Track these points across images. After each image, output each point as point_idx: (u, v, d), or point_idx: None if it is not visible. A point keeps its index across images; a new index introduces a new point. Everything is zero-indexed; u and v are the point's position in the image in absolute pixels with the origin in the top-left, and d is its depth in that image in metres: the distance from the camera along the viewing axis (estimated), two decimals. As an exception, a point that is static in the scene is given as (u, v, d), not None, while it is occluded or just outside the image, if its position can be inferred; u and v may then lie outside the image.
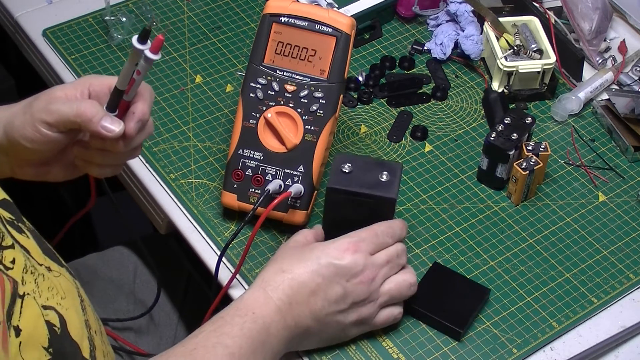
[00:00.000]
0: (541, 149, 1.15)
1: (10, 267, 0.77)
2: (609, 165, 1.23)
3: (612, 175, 1.22)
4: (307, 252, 0.98)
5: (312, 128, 1.09)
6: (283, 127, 1.09)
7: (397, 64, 1.34)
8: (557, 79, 1.31)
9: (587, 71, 1.33)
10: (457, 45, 1.34)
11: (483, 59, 1.35)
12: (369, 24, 1.37)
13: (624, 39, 1.38)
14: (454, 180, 1.20)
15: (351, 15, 1.28)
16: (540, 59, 1.28)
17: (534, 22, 1.32)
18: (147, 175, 1.18)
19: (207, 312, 1.04)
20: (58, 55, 1.32)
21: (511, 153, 1.15)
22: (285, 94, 1.10)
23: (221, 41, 1.36)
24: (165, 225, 1.17)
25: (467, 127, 1.27)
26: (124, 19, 1.34)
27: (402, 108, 1.28)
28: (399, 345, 1.03)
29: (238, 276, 1.08)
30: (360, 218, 1.01)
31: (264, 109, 1.10)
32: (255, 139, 1.10)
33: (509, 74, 1.28)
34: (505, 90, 1.28)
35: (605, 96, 1.30)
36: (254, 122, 1.10)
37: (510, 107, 1.28)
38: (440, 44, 1.34)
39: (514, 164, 1.14)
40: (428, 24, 1.39)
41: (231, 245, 1.09)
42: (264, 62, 1.11)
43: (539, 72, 1.27)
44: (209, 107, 1.26)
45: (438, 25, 1.37)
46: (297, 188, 1.08)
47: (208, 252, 1.11)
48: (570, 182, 1.20)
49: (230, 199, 1.11)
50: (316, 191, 1.12)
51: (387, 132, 1.25)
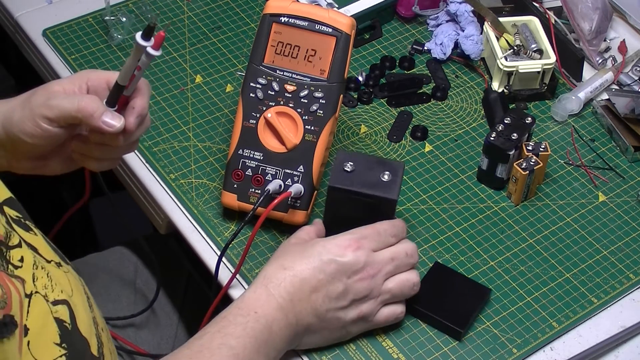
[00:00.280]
0: (541, 149, 1.15)
1: (19, 265, 0.77)
2: (609, 165, 1.23)
3: (612, 175, 1.22)
4: (308, 249, 0.98)
5: (312, 128, 1.09)
6: (283, 127, 1.09)
7: (397, 64, 1.34)
8: (557, 79, 1.31)
9: (587, 71, 1.33)
10: (457, 45, 1.34)
11: (483, 59, 1.35)
12: (369, 24, 1.37)
13: (624, 39, 1.38)
14: (454, 180, 1.20)
15: (351, 15, 1.28)
16: (540, 59, 1.28)
17: (534, 22, 1.32)
18: (147, 175, 1.18)
19: (207, 312, 1.04)
20: (58, 55, 1.32)
21: (511, 153, 1.15)
22: (285, 94, 1.10)
23: (221, 41, 1.35)
24: (165, 225, 1.17)
25: (467, 127, 1.27)
26: (124, 19, 1.34)
27: (402, 108, 1.28)
28: (399, 345, 1.03)
29: (238, 276, 1.08)
30: (361, 216, 1.01)
31: (264, 109, 1.10)
32: (255, 139, 1.10)
33: (509, 74, 1.28)
34: (505, 90, 1.28)
35: (605, 96, 1.30)
36: (254, 122, 1.10)
37: (510, 107, 1.28)
38: (440, 44, 1.34)
39: (514, 164, 1.14)
40: (428, 24, 1.39)
41: (231, 245, 1.09)
42: (264, 62, 1.10)
43: (539, 72, 1.27)
44: (209, 107, 1.26)
45: (438, 25, 1.37)
46: (297, 188, 1.08)
47: (208, 252, 1.11)
48: (570, 182, 1.20)
49: (230, 199, 1.11)
50: (316, 191, 1.12)
51: (387, 132, 1.25)
